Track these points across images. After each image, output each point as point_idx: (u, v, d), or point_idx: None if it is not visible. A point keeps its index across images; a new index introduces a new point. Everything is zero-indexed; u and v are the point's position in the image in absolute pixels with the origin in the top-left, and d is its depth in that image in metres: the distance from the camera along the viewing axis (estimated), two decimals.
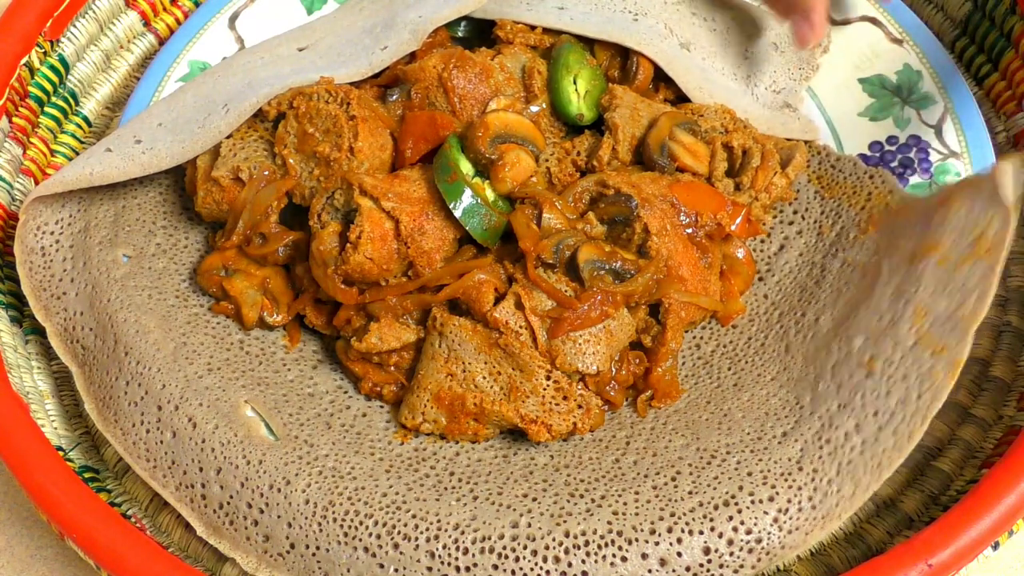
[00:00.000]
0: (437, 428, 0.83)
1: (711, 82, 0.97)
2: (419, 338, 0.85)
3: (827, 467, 0.77)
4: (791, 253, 0.92)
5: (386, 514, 0.78)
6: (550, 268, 0.82)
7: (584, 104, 0.93)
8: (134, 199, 0.96)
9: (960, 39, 1.06)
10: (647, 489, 0.78)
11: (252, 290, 0.89)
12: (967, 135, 0.94)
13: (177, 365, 0.85)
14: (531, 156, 0.87)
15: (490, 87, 0.91)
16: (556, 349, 0.81)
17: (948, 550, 0.73)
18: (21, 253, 0.91)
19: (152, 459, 0.83)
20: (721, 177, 0.90)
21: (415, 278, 0.84)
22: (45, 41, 1.05)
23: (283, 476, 0.80)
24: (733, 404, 0.83)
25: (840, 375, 0.80)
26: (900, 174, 0.93)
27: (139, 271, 0.91)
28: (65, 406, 0.93)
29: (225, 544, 0.80)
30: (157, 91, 1.04)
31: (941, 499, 0.84)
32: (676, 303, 0.84)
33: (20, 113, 1.03)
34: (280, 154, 0.88)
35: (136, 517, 0.87)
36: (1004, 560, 0.86)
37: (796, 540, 0.76)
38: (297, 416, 0.84)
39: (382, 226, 0.83)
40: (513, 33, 0.96)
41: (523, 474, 0.81)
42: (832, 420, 0.78)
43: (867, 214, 0.90)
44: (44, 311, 0.90)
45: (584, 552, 0.75)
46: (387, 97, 0.92)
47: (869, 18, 1.03)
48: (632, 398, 0.86)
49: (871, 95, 0.99)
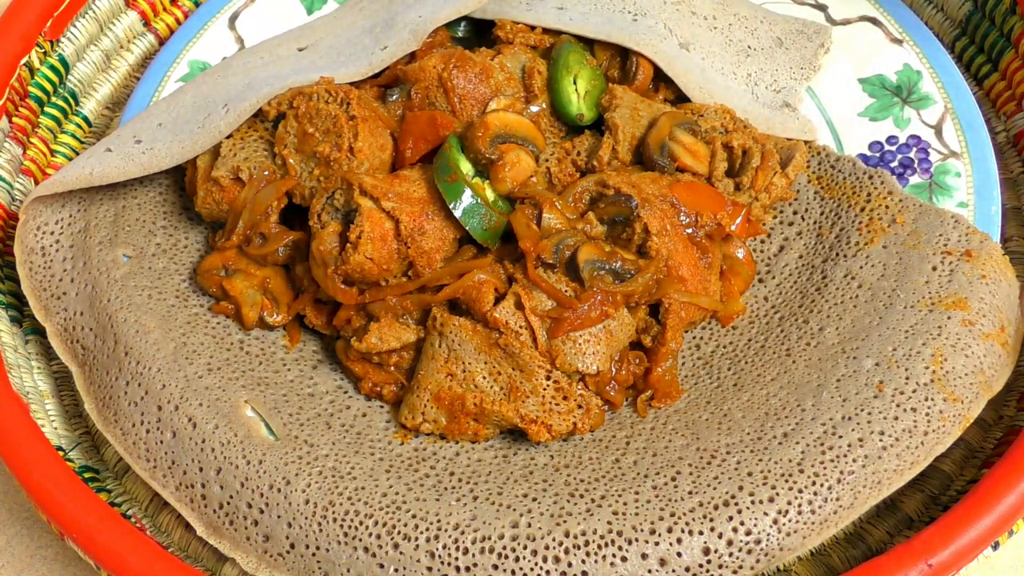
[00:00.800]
0: (437, 428, 0.83)
1: (711, 82, 0.97)
2: (419, 338, 0.85)
3: (828, 473, 0.77)
4: (791, 255, 0.92)
5: (386, 514, 0.78)
6: (550, 268, 0.82)
7: (584, 104, 0.93)
8: (134, 199, 0.96)
9: (960, 39, 1.06)
10: (647, 489, 0.78)
11: (252, 290, 0.89)
12: (967, 135, 0.94)
13: (177, 365, 0.85)
14: (531, 156, 0.87)
15: (490, 87, 0.91)
16: (556, 349, 0.81)
17: (948, 550, 0.73)
18: (21, 253, 0.92)
19: (152, 459, 0.83)
20: (721, 177, 0.90)
21: (415, 278, 0.84)
22: (45, 41, 1.05)
23: (283, 476, 0.80)
24: (733, 404, 0.83)
25: (846, 389, 0.81)
26: (900, 174, 0.93)
27: (139, 271, 0.91)
28: (65, 406, 0.93)
29: (225, 544, 0.80)
30: (157, 91, 1.04)
31: (941, 499, 0.84)
32: (676, 303, 0.84)
33: (20, 113, 1.03)
34: (280, 154, 0.88)
35: (136, 517, 0.87)
36: (1004, 560, 0.86)
37: (794, 543, 0.76)
38: (297, 416, 0.84)
39: (382, 226, 0.83)
40: (513, 33, 0.96)
41: (523, 474, 0.81)
42: (836, 429, 0.79)
43: (867, 216, 0.90)
44: (44, 311, 0.90)
45: (584, 552, 0.75)
46: (387, 97, 0.92)
47: (869, 18, 1.03)
48: (632, 398, 0.86)
49: (871, 95, 0.99)
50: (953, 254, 0.86)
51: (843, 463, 0.77)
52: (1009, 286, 0.85)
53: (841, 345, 0.84)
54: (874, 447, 0.78)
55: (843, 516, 0.77)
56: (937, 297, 0.84)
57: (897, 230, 0.89)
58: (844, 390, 0.81)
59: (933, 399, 0.79)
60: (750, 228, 0.91)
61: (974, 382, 0.80)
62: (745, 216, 0.89)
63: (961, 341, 0.81)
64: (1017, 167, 1.00)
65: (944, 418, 0.79)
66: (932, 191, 0.92)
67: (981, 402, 0.80)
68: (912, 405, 0.79)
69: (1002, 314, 0.84)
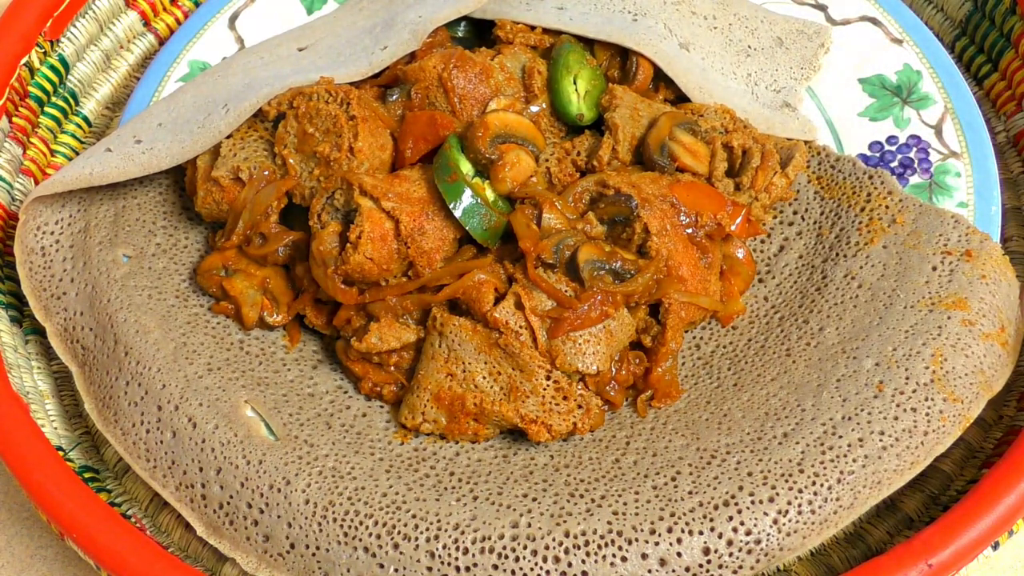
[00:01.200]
0: (437, 428, 0.83)
1: (711, 82, 0.97)
2: (419, 338, 0.85)
3: (828, 473, 0.77)
4: (791, 255, 0.92)
5: (386, 514, 0.78)
6: (550, 268, 0.82)
7: (584, 104, 0.93)
8: (134, 199, 0.96)
9: (960, 39, 1.06)
10: (647, 489, 0.78)
11: (252, 290, 0.89)
12: (967, 135, 0.94)
13: (177, 365, 0.85)
14: (531, 156, 0.87)
15: (490, 87, 0.91)
16: (556, 349, 0.81)
17: (948, 550, 0.73)
18: (21, 253, 0.92)
19: (152, 459, 0.83)
20: (721, 177, 0.90)
21: (415, 278, 0.84)
22: (45, 41, 1.05)
23: (283, 476, 0.80)
24: (733, 404, 0.83)
25: (846, 389, 0.81)
26: (900, 174, 0.93)
27: (139, 271, 0.91)
28: (65, 406, 0.93)
29: (225, 544, 0.80)
30: (157, 91, 1.04)
31: (941, 499, 0.84)
32: (676, 303, 0.84)
33: (20, 113, 1.03)
34: (280, 154, 0.88)
35: (136, 517, 0.87)
36: (1004, 560, 0.86)
37: (794, 543, 0.76)
38: (297, 416, 0.84)
39: (382, 226, 0.83)
40: (513, 33, 0.96)
41: (523, 474, 0.81)
42: (836, 429, 0.79)
43: (867, 216, 0.90)
44: (44, 311, 0.90)
45: (584, 552, 0.75)
46: (387, 97, 0.92)
47: (869, 18, 1.03)
48: (632, 398, 0.86)
49: (871, 95, 0.99)
50: (953, 254, 0.86)
51: (843, 463, 0.77)
52: (1009, 286, 0.85)
53: (841, 345, 0.84)
54: (874, 447, 0.78)
55: (843, 516, 0.77)
56: (937, 297, 0.84)
57: (897, 230, 0.89)
58: (844, 390, 0.81)
59: (933, 399, 0.79)
60: (750, 228, 0.91)
61: (974, 382, 0.80)
62: (745, 216, 0.89)
63: (961, 341, 0.81)
64: (1017, 167, 1.00)
65: (944, 418, 0.79)
66: (932, 191, 0.92)
67: (981, 402, 0.80)
68: (912, 405, 0.79)
69: (1002, 314, 0.84)
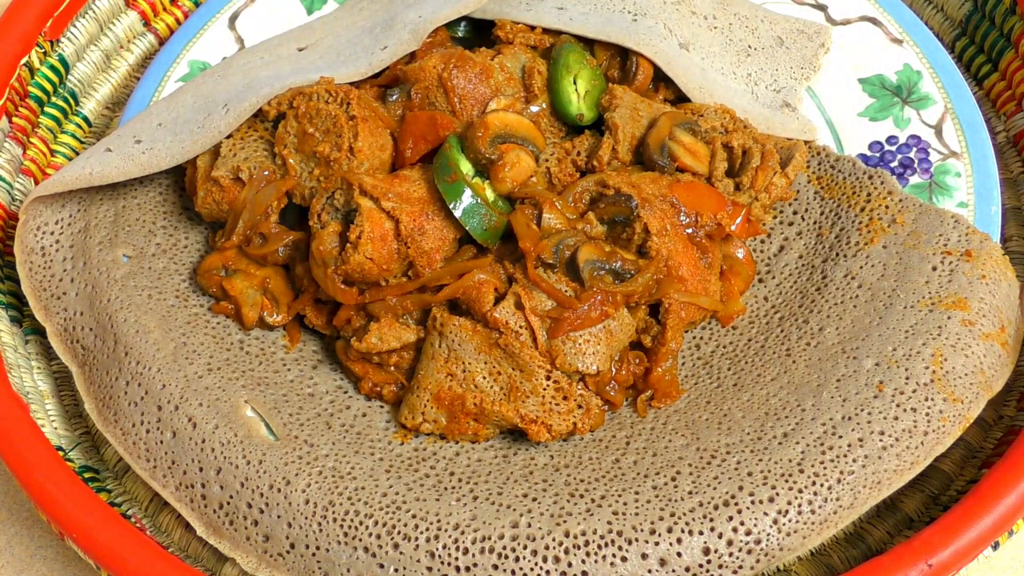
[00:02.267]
0: (437, 428, 0.83)
1: (711, 82, 0.97)
2: (419, 338, 0.85)
3: (828, 473, 0.77)
4: (791, 255, 0.92)
5: (386, 514, 0.78)
6: (550, 268, 0.82)
7: (584, 104, 0.93)
8: (134, 199, 0.96)
9: (960, 39, 1.06)
10: (647, 489, 0.78)
11: (252, 290, 0.89)
12: (967, 135, 0.94)
13: (177, 365, 0.85)
14: (531, 156, 0.87)
15: (490, 87, 0.91)
16: (556, 349, 0.81)
17: (948, 550, 0.73)
18: (21, 253, 0.92)
19: (152, 459, 0.83)
20: (721, 177, 0.90)
21: (415, 278, 0.84)
22: (45, 41, 1.05)
23: (283, 476, 0.80)
24: (733, 404, 0.83)
25: (846, 389, 0.81)
26: (900, 174, 0.93)
27: (139, 271, 0.91)
28: (65, 406, 0.93)
29: (225, 544, 0.80)
30: (157, 91, 1.04)
31: (941, 499, 0.84)
32: (676, 303, 0.84)
33: (20, 113, 1.03)
34: (280, 154, 0.88)
35: (136, 517, 0.87)
36: (1004, 560, 0.86)
37: (794, 543, 0.76)
38: (297, 416, 0.84)
39: (382, 226, 0.83)
40: (513, 33, 0.96)
41: (523, 474, 0.81)
42: (836, 429, 0.79)
43: (867, 216, 0.90)
44: (44, 311, 0.90)
45: (584, 552, 0.75)
46: (387, 97, 0.92)
47: (869, 18, 1.03)
48: (632, 398, 0.86)
49: (871, 95, 0.99)
50: (953, 254, 0.86)
51: (843, 463, 0.77)
52: (1009, 286, 0.85)
53: (841, 345, 0.84)
54: (874, 447, 0.78)
55: (843, 516, 0.77)
56: (937, 297, 0.84)
57: (897, 230, 0.89)
58: (844, 390, 0.81)
59: (933, 399, 0.79)
60: (750, 228, 0.91)
61: (974, 382, 0.80)
62: (745, 216, 0.89)
63: (961, 341, 0.81)
64: (1017, 167, 1.00)
65: (944, 418, 0.79)
66: (932, 191, 0.92)
67: (981, 402, 0.80)
68: (912, 405, 0.79)
69: (1002, 314, 0.84)
